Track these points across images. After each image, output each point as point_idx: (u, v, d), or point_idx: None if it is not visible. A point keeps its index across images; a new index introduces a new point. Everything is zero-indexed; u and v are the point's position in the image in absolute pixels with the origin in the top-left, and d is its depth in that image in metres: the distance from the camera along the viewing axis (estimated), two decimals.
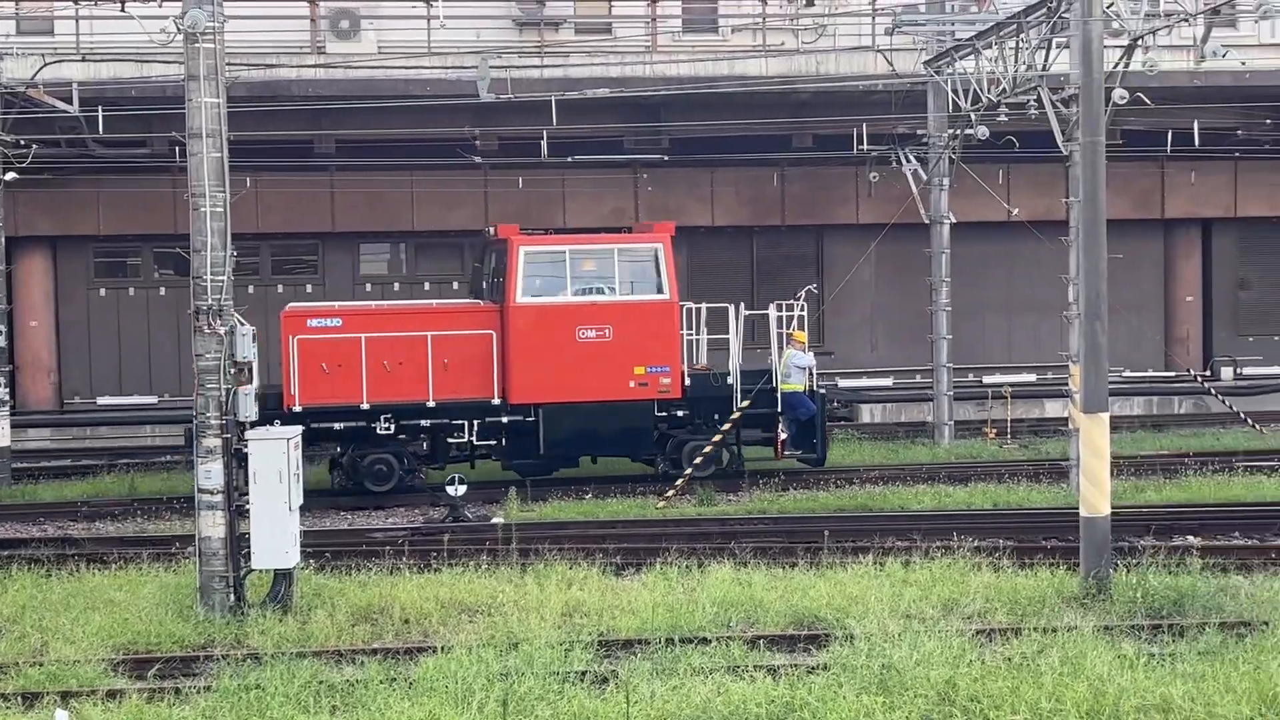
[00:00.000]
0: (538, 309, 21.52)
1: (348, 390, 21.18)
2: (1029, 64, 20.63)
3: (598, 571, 15.95)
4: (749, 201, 30.53)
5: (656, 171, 29.64)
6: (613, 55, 26.88)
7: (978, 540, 17.09)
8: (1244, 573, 15.60)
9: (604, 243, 22.10)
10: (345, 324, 21.30)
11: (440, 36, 26.37)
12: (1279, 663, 11.91)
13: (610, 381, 21.63)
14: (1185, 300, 32.01)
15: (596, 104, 25.85)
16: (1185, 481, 21.46)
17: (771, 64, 26.67)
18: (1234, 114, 28.29)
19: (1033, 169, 29.20)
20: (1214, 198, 31.30)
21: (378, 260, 30.79)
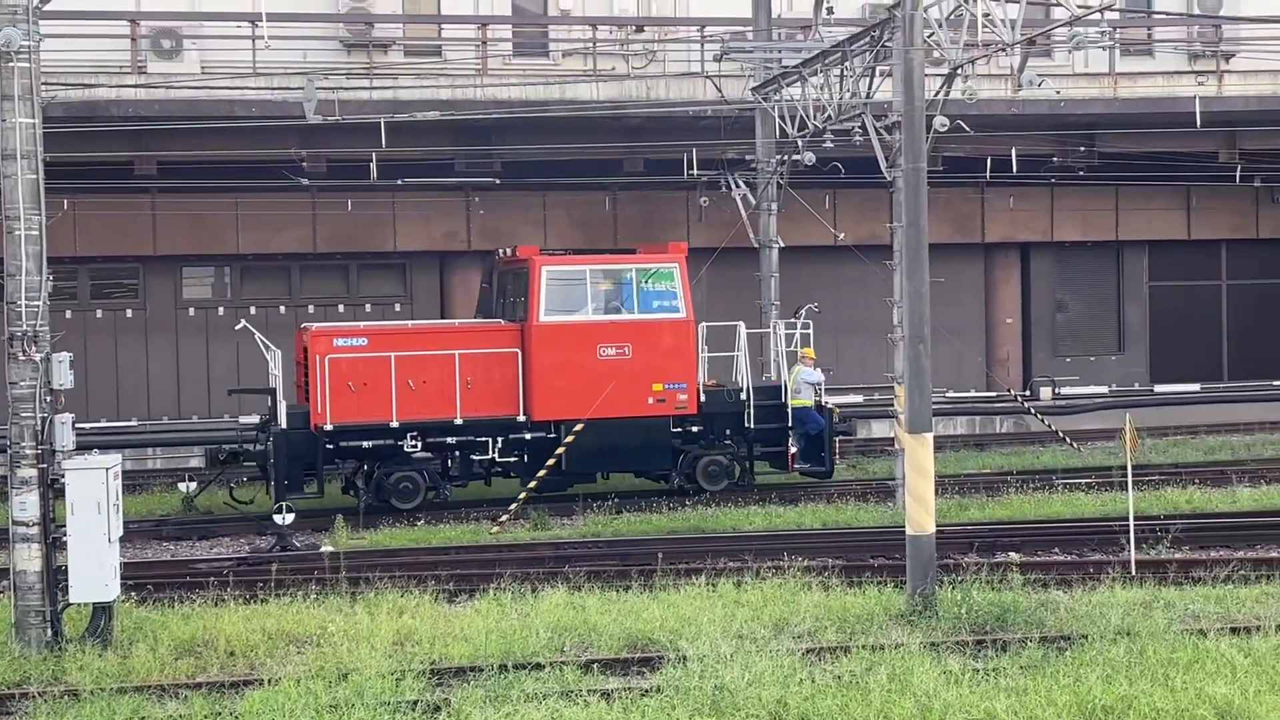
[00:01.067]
0: (560, 328, 22.03)
1: (377, 408, 21.47)
2: (854, 92, 21.08)
3: (430, 599, 15.79)
4: (582, 225, 30.63)
5: (488, 195, 29.57)
6: (443, 78, 26.76)
7: (808, 560, 17.33)
8: (1064, 588, 16.06)
9: (622, 263, 22.71)
10: (371, 343, 21.66)
11: (266, 57, 25.96)
12: (1098, 675, 12.29)
13: (630, 398, 22.18)
14: (1005, 322, 32.98)
15: (427, 126, 25.71)
16: (1007, 499, 22.05)
17: (602, 88, 26.83)
18: (1050, 141, 29.29)
19: (858, 194, 29.84)
20: (1031, 222, 32.33)
21: (201, 284, 30.15)
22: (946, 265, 29.95)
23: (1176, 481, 22.99)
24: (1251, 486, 22.73)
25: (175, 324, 29.67)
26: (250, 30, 26.25)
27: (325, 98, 23.95)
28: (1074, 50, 22.47)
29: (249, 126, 25.33)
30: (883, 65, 20.21)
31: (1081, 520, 20.16)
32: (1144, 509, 20.22)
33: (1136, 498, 20.50)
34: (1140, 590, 15.51)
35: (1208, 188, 31.90)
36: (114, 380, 29.36)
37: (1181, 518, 19.66)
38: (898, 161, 16.42)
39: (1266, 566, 16.58)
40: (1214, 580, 15.86)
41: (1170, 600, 14.98)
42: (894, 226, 18.76)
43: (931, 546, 15.05)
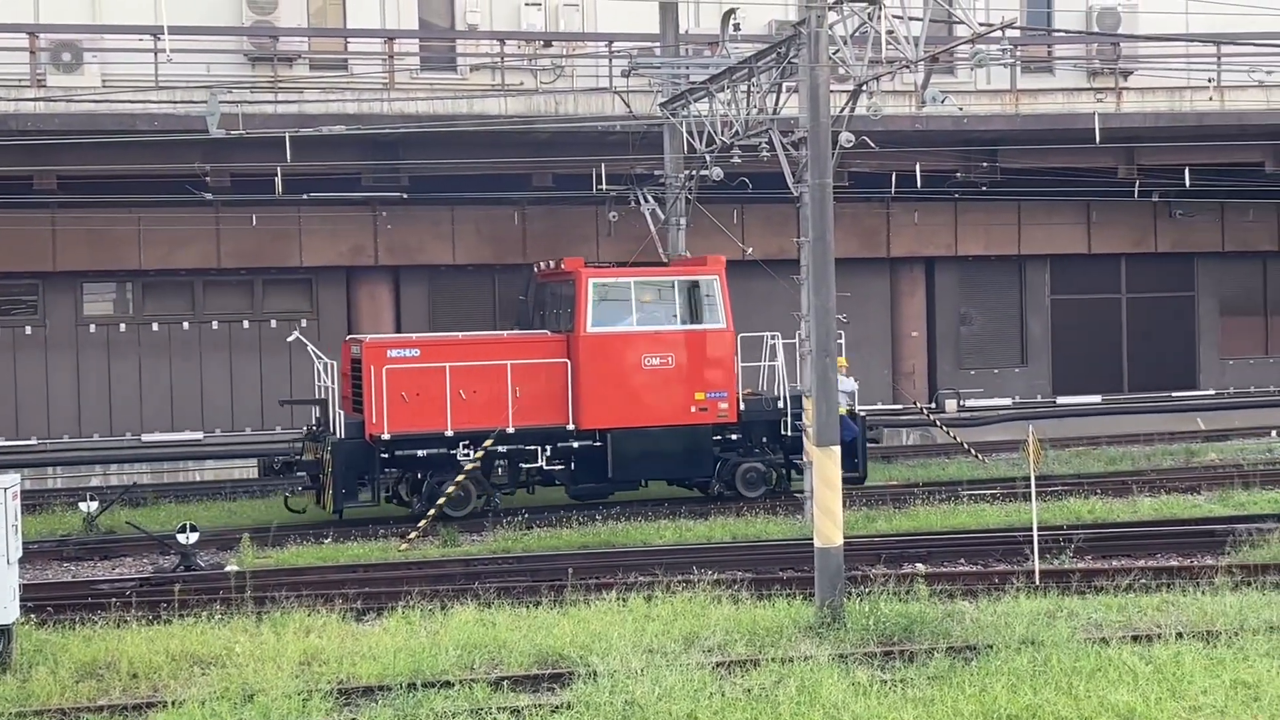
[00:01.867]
0: (607, 338, 22.66)
1: (432, 418, 21.96)
2: (760, 108, 21.22)
3: (338, 618, 15.64)
4: (491, 240, 30.54)
5: (396, 209, 29.40)
6: (349, 92, 26.57)
7: (718, 573, 17.38)
8: (970, 598, 16.25)
9: (665, 275, 23.32)
10: (424, 354, 22.11)
11: (168, 70, 25.63)
12: (1003, 684, 12.45)
13: (673, 407, 22.82)
14: (911, 335, 33.35)
15: (333, 140, 25.51)
16: (914, 511, 22.28)
17: (511, 103, 26.79)
18: (954, 157, 29.68)
19: (766, 209, 30.05)
20: (936, 237, 32.74)
21: (103, 300, 29.64)
22: (853, 279, 30.25)
23: (1079, 492, 23.37)
24: (1151, 496, 23.17)
25: (76, 341, 29.15)
26: (152, 43, 25.90)
27: (229, 112, 23.70)
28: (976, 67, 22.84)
29: (151, 141, 24.97)
30: (789, 82, 20.38)
31: (987, 531, 20.42)
32: (1047, 519, 20.53)
33: (1040, 508, 20.81)
34: (1044, 600, 15.72)
35: (1107, 203, 32.49)
36: (13, 398, 28.78)
37: (1084, 528, 19.99)
38: (804, 177, 16.56)
39: (1167, 575, 16.89)
40: (1116, 589, 16.14)
41: (1073, 609, 15.21)
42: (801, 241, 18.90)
43: (839, 559, 15.17)
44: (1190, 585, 16.13)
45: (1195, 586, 16.04)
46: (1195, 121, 28.77)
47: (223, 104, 23.18)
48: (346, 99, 26.27)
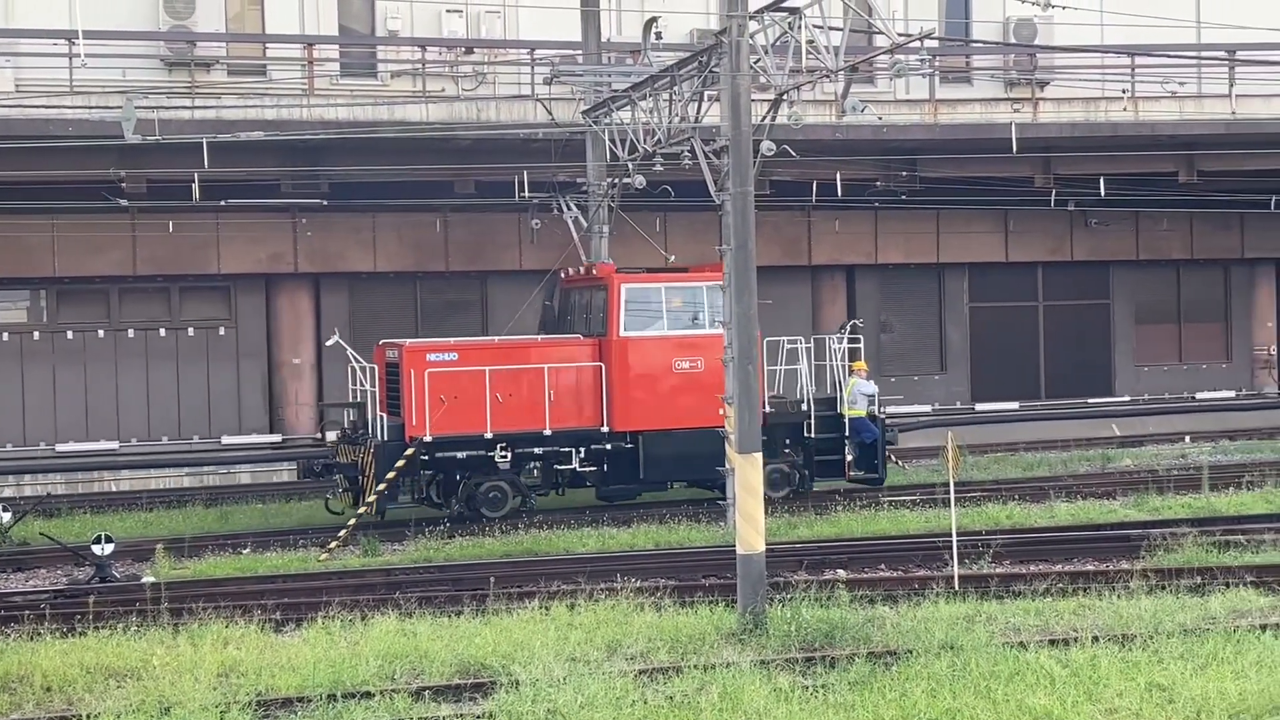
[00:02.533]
0: (639, 342, 23.19)
1: (472, 420, 22.33)
2: (683, 116, 21.28)
3: (256, 629, 15.48)
4: (412, 247, 30.40)
5: (316, 216, 29.17)
6: (268, 97, 26.34)
7: (640, 581, 17.40)
8: (890, 603, 16.37)
9: (694, 280, 23.79)
10: (461, 357, 22.56)
11: (83, 75, 25.26)
12: (923, 689, 12.56)
13: (702, 410, 22.76)
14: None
15: (252, 146, 25.26)
16: (835, 517, 22.43)
17: (432, 110, 26.67)
18: (874, 166, 29.94)
19: (688, 217, 30.13)
20: (857, 245, 33.01)
21: (15, 308, 29.14)
22: (775, 287, 30.40)
23: (997, 498, 23.63)
24: (1068, 502, 23.47)
25: None
26: (67, 48, 25.52)
27: (145, 117, 23.36)
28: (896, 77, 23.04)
29: (65, 146, 24.60)
30: (711, 90, 20.45)
31: (907, 537, 20.59)
32: (967, 525, 20.74)
33: (959, 514, 21.02)
34: (963, 605, 15.88)
35: (1024, 212, 32.92)
36: None
37: (1002, 533, 20.21)
38: (726, 185, 16.62)
39: (1083, 579, 17.12)
40: (1034, 593, 16.33)
41: (992, 614, 15.37)
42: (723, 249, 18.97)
43: (762, 565, 15.23)
44: (1106, 589, 16.36)
45: (1111, 590, 16.27)
46: (1110, 132, 29.25)
47: (139, 109, 22.85)
48: (265, 105, 26.05)
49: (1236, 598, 15.69)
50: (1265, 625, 14.21)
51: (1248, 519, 21.08)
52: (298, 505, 25.55)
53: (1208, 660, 13.02)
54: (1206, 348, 36.73)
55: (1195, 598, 15.90)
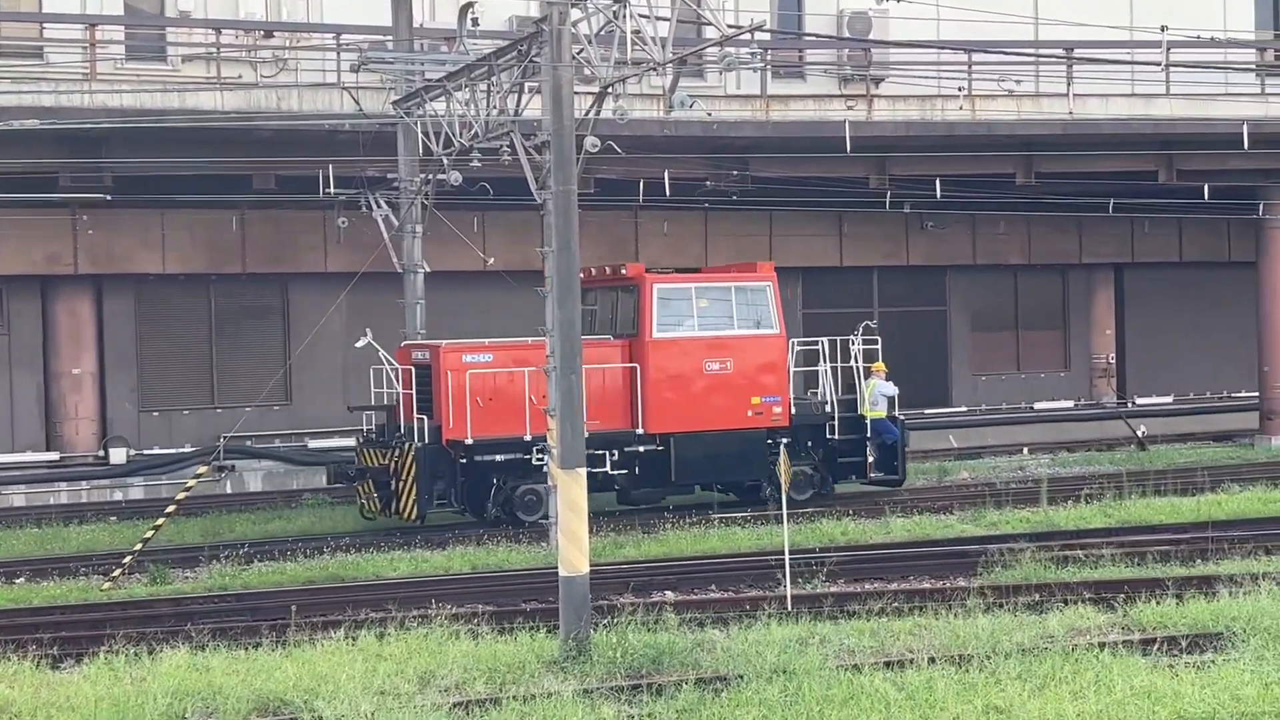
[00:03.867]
0: (671, 343, 24.42)
1: (510, 422, 23.33)
2: (501, 108, 21.25)
3: (31, 665, 14.99)
4: (206, 247, 29.80)
5: (99, 212, 28.40)
6: (45, 82, 25.56)
7: (456, 607, 17.28)
8: (720, 626, 16.53)
9: (723, 281, 25.14)
10: (496, 358, 23.59)
11: None
12: (753, 716, 12.69)
13: (731, 411, 24.59)
14: None
15: (25, 136, 24.44)
16: (663, 536, 22.58)
17: (228, 98, 26.18)
18: (703, 165, 30.23)
19: (508, 216, 30.09)
20: (686, 247, 33.29)
21: None
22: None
23: (832, 513, 24.04)
24: (904, 516, 23.97)
25: None
26: None
27: None
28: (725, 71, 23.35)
29: None
30: (531, 81, 20.48)
31: (738, 555, 20.82)
32: (800, 542, 21.06)
33: (792, 531, 21.34)
34: (797, 626, 16.10)
35: (859, 213, 33.58)
36: None
37: (837, 550, 20.56)
38: (548, 183, 16.65)
39: (919, 598, 17.50)
40: (869, 613, 16.63)
41: (826, 635, 15.61)
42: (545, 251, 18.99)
43: (585, 587, 15.24)
44: (943, 608, 16.72)
45: (948, 609, 16.64)
46: (946, 131, 29.97)
47: None
48: (42, 90, 25.28)
49: (1075, 615, 16.18)
50: (1104, 643, 14.67)
51: (1086, 533, 21.79)
52: (78, 530, 24.85)
53: (1045, 681, 13.40)
54: (1044, 356, 37.90)
55: (1033, 615, 16.35)
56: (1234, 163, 31.97)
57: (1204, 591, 16.96)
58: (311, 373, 30.77)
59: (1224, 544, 20.07)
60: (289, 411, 30.96)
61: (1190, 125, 31.14)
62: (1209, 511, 23.41)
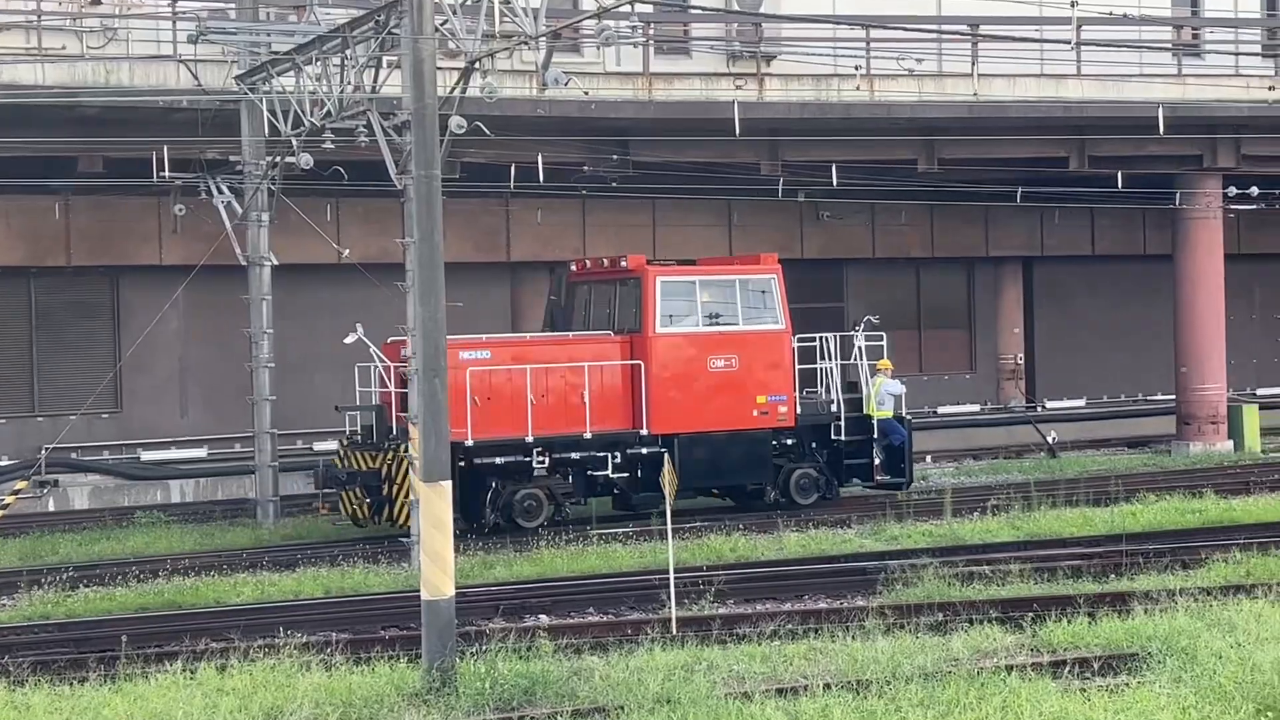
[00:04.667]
0: (675, 339, 25.20)
1: (511, 424, 24.00)
2: (357, 85, 21.11)
3: None
4: (25, 237, 29.24)
5: None
6: None
7: (307, 635, 17.12)
8: (599, 652, 16.53)
9: (727, 274, 25.85)
10: (495, 356, 24.29)
11: None
12: None
13: (737, 411, 25.44)
14: None
15: None
16: (537, 554, 22.53)
17: (49, 71, 25.67)
18: (580, 148, 30.21)
19: (365, 204, 29.89)
20: (562, 239, 33.29)
21: None
22: (468, 287, 30.45)
23: (720, 528, 24.16)
24: (799, 531, 24.16)
25: None
26: None
27: None
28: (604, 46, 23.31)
29: None
30: (390, 55, 20.36)
31: (619, 575, 20.85)
32: (686, 560, 21.15)
33: (678, 547, 21.41)
34: (682, 651, 16.13)
35: (750, 202, 33.79)
36: None
37: (726, 568, 20.66)
38: (409, 167, 16.55)
39: (814, 619, 17.63)
40: (760, 636, 16.73)
41: (714, 661, 15.67)
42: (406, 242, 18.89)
43: (451, 612, 15.17)
44: (840, 629, 16.86)
45: (845, 630, 16.78)
46: (843, 113, 30.27)
47: None
48: None
49: (981, 636, 16.40)
50: (1011, 666, 14.87)
51: (993, 547, 22.11)
52: None
53: (949, 707, 13.55)
54: (949, 357, 38.43)
55: (936, 637, 16.53)
56: (1149, 148, 32.66)
57: (1118, 609, 17.26)
58: (144, 377, 30.31)
59: (1139, 558, 20.46)
60: (118, 420, 30.48)
61: (1103, 108, 31.75)
62: (1123, 523, 23.87)
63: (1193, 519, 24.35)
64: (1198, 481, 28.35)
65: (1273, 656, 14.08)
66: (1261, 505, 25.69)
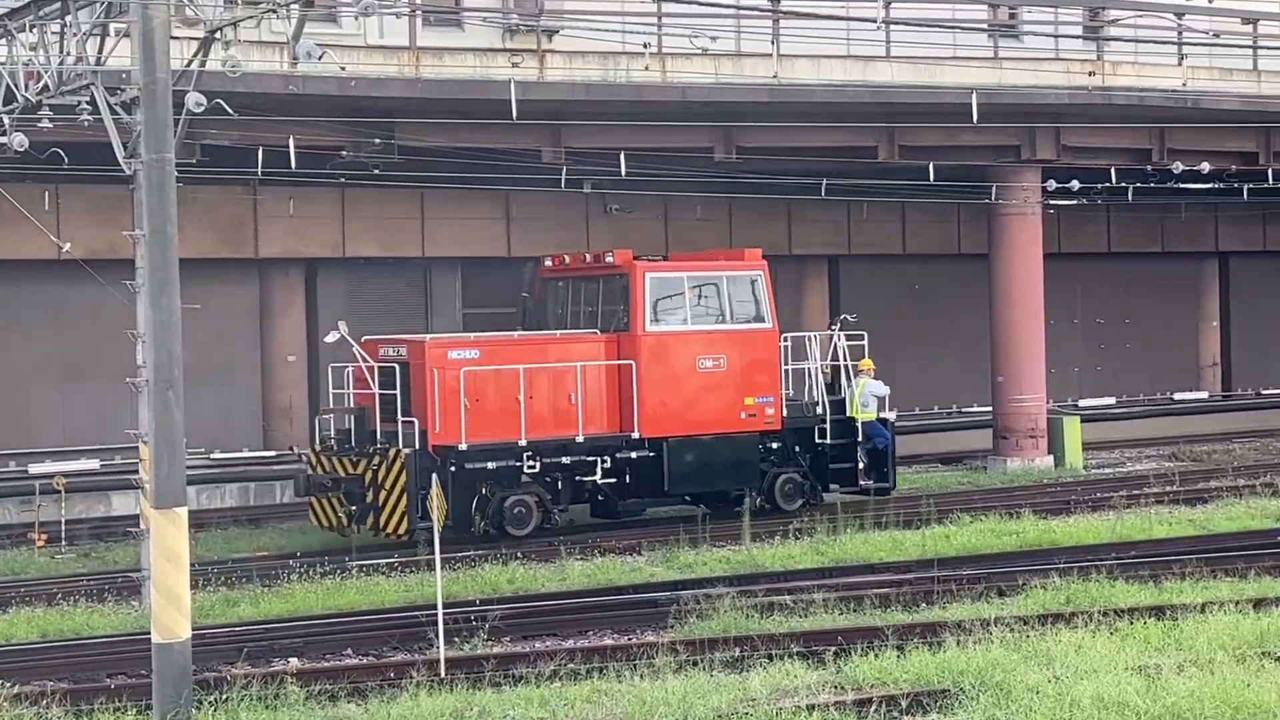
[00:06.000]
0: (665, 338, 26.66)
1: (502, 427, 25.31)
2: (79, 55, 20.62)
3: None
4: None
5: None
6: None
7: (20, 684, 16.70)
8: (358, 698, 16.39)
9: (714, 270, 27.47)
10: (483, 355, 25.45)
11: None
12: None
13: (725, 413, 26.99)
14: (287, 360, 33.38)
15: None
16: (289, 589, 22.26)
17: None
18: (338, 130, 29.86)
19: (90, 192, 29.26)
20: (318, 233, 32.97)
21: None
22: (211, 287, 30.01)
23: (497, 556, 24.11)
24: (583, 560, 24.23)
25: None
26: None
27: None
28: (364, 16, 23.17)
29: None
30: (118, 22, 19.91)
31: (382, 611, 20.74)
32: (458, 593, 21.12)
33: (449, 579, 21.35)
34: (451, 696, 16.10)
35: (531, 193, 33.79)
36: None
37: (502, 602, 20.64)
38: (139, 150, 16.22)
39: (599, 657, 17.69)
40: (538, 678, 16.73)
41: (486, 706, 15.65)
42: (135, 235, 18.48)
43: (187, 656, 14.95)
44: (628, 668, 16.95)
45: (633, 669, 16.87)
46: (633, 95, 30.36)
47: None
48: None
49: (781, 672, 16.59)
50: (813, 705, 15.09)
51: (795, 575, 22.44)
52: None
53: None
54: None
55: (733, 674, 16.71)
56: (963, 138, 33.41)
57: (929, 641, 17.62)
58: None
59: (952, 585, 20.92)
60: None
61: (914, 94, 32.33)
62: (936, 547, 24.38)
63: (1009, 542, 24.96)
64: (1015, 501, 29.09)
65: (1092, 691, 14.49)
66: (1083, 526, 26.45)
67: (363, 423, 25.50)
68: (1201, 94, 35.02)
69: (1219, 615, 17.99)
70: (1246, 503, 28.69)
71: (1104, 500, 29.16)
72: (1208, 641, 16.80)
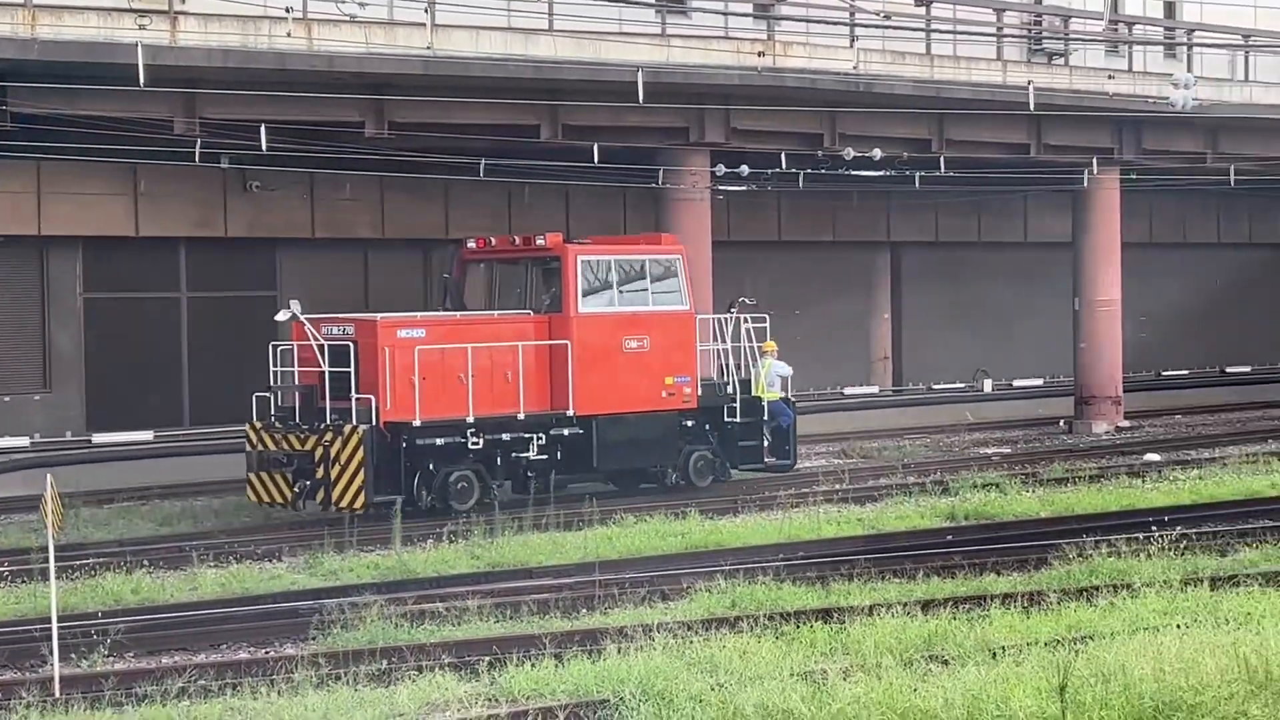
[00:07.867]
0: (595, 318, 29.20)
1: (451, 404, 27.66)
2: None
3: None
4: None
5: None
6: None
7: None
8: None
9: (639, 252, 30.39)
10: (430, 334, 27.71)
11: None
12: None
13: (648, 392, 29.81)
14: None
15: None
16: None
17: None
18: None
19: None
20: None
21: None
22: None
23: (122, 564, 23.54)
24: (218, 567, 23.81)
25: None
26: None
27: None
28: None
29: None
30: None
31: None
32: (76, 605, 20.55)
33: (66, 590, 20.74)
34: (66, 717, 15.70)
35: (162, 168, 33.08)
36: None
37: (126, 614, 20.16)
38: None
39: (234, 672, 17.40)
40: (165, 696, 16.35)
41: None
42: None
43: None
44: (265, 683, 16.69)
45: (271, 685, 16.63)
46: (275, 64, 29.85)
47: None
48: None
49: (431, 685, 16.51)
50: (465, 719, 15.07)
51: (449, 580, 22.38)
52: None
53: None
54: None
55: (380, 688, 16.60)
56: (629, 118, 33.71)
57: (588, 649, 17.73)
58: None
59: (614, 589, 21.09)
60: None
61: (578, 70, 32.50)
62: (598, 549, 24.57)
63: (675, 543, 25.27)
64: (682, 500, 29.45)
65: (756, 698, 14.74)
66: (750, 526, 26.98)
67: (310, 400, 27.31)
68: (874, 78, 36.03)
69: (886, 618, 18.44)
70: (916, 501, 29.51)
71: (772, 499, 29.75)
72: (875, 645, 17.23)
